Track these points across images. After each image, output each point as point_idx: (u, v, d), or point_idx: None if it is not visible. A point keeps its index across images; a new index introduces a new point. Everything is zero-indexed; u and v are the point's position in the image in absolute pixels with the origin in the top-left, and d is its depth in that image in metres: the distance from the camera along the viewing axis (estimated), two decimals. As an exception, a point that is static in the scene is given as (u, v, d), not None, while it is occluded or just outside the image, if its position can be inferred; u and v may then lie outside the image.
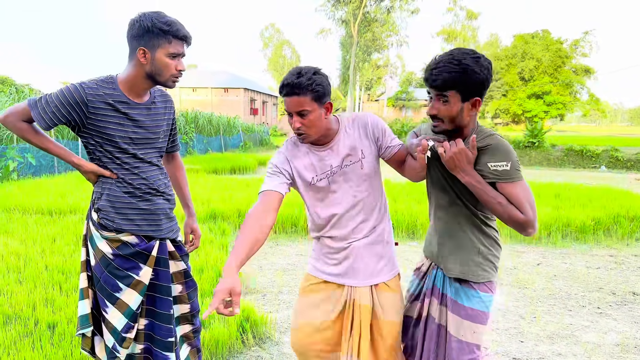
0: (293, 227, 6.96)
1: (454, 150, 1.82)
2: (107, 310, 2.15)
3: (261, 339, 3.55)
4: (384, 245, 2.15)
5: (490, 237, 2.01)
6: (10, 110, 2.06)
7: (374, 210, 2.11)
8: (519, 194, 1.80)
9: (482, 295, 2.00)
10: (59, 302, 3.79)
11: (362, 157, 2.05)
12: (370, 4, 42.84)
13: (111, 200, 2.13)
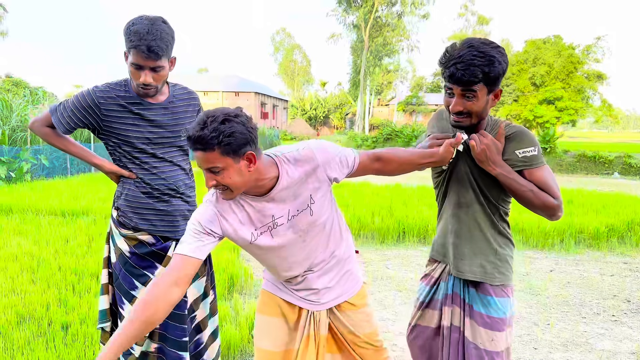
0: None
1: (485, 142, 1.79)
2: (124, 307, 2.19)
3: (272, 342, 3.54)
4: (340, 267, 1.92)
5: (506, 237, 1.97)
6: (36, 117, 2.22)
7: (328, 241, 1.85)
8: (548, 178, 1.80)
9: (499, 301, 1.93)
10: (72, 302, 3.81)
11: (310, 203, 1.75)
12: (382, 8, 42.88)
13: (129, 199, 2.18)
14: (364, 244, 6.62)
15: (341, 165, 1.79)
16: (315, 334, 1.91)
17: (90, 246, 5.53)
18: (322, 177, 1.75)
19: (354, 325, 1.94)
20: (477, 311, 1.94)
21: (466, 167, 1.93)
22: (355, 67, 47.67)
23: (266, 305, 1.97)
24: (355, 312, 1.96)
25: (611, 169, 19.29)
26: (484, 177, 1.88)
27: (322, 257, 1.85)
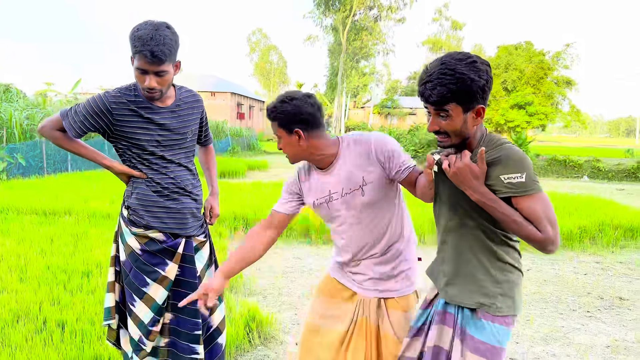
0: (289, 230, 7.05)
1: (458, 165, 1.62)
2: (135, 304, 2.25)
3: (266, 339, 3.64)
4: (396, 263, 2.05)
5: (509, 263, 1.76)
6: (47, 120, 2.25)
7: (386, 232, 2.01)
8: (537, 209, 1.59)
9: (495, 327, 1.74)
10: (65, 300, 3.84)
11: (362, 185, 1.94)
12: (360, 12, 43.24)
13: (140, 198, 2.25)
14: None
15: (391, 159, 1.92)
16: (366, 320, 2.06)
17: (76, 245, 5.52)
18: (374, 162, 1.93)
19: (393, 323, 2.04)
20: (469, 335, 1.77)
21: (452, 187, 1.76)
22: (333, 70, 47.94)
23: (326, 286, 2.20)
24: (399, 312, 2.04)
25: (581, 173, 19.92)
26: (469, 199, 1.69)
27: (379, 246, 2.02)
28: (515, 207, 1.62)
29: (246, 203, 8.26)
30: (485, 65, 1.62)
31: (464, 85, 1.57)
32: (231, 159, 20.08)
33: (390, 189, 2.00)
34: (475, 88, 1.58)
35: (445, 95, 1.59)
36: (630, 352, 3.59)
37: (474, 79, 1.57)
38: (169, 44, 2.07)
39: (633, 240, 7.29)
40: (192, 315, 2.32)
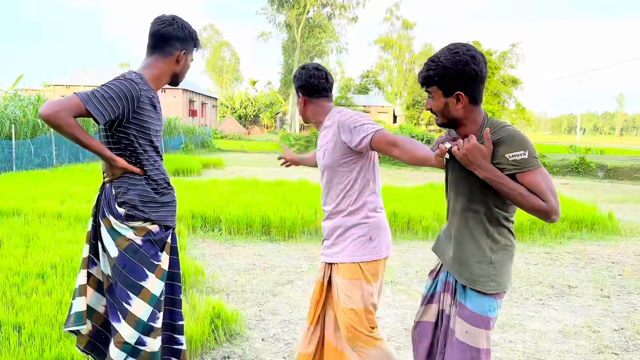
0: (248, 228, 7.02)
1: (467, 146, 1.82)
2: (130, 302, 2.18)
3: (232, 336, 3.63)
4: (341, 232, 2.41)
5: (504, 246, 1.97)
6: (59, 105, 1.98)
7: (338, 196, 2.40)
8: (540, 182, 1.79)
9: (480, 297, 1.96)
10: (20, 303, 3.69)
11: (325, 149, 2.41)
12: (314, 9, 43.30)
13: (141, 195, 2.24)
14: (309, 240, 6.79)
15: (351, 133, 2.26)
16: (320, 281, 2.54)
17: (28, 246, 5.29)
18: (336, 132, 2.34)
19: (336, 290, 2.42)
20: (459, 301, 2.01)
21: (458, 173, 1.99)
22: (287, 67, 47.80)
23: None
24: (341, 279, 2.39)
25: (526, 168, 20.78)
26: (477, 183, 1.91)
27: (328, 207, 2.45)
28: (520, 182, 1.82)
29: (204, 201, 8.15)
30: (469, 57, 1.82)
31: (442, 71, 1.85)
32: (185, 157, 19.70)
33: (348, 161, 2.34)
34: (451, 74, 1.84)
35: (426, 78, 1.90)
36: (580, 336, 3.81)
37: (448, 67, 1.83)
38: None
39: (578, 231, 7.70)
40: (180, 306, 2.41)
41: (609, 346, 3.65)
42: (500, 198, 1.92)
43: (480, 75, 1.84)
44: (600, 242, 7.27)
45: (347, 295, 2.36)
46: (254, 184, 11.22)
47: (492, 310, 1.97)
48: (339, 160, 2.35)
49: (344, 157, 2.34)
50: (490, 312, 1.97)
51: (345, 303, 2.36)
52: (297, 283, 4.93)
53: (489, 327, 1.96)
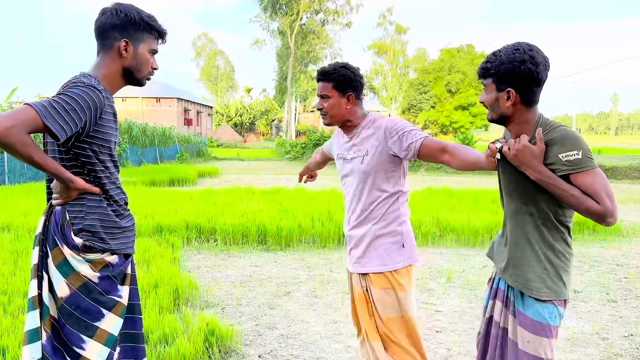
0: (244, 238, 6.87)
1: (517, 146, 1.81)
2: (84, 346, 1.91)
3: (227, 353, 3.48)
4: (372, 240, 2.35)
5: (561, 251, 1.92)
6: (12, 119, 1.62)
7: (373, 204, 2.34)
8: (595, 183, 1.74)
9: (541, 306, 1.90)
10: (5, 324, 3.52)
11: (364, 155, 2.32)
12: (307, 16, 43.34)
13: (102, 219, 1.95)
14: (306, 249, 6.65)
15: (399, 139, 2.23)
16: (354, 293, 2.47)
17: (17, 264, 5.13)
18: (381, 139, 2.28)
19: (375, 300, 2.35)
20: (518, 309, 1.95)
21: (510, 175, 1.95)
22: (282, 74, 47.77)
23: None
24: (375, 289, 2.34)
25: (524, 170, 20.69)
26: (531, 185, 1.86)
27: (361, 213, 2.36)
28: (574, 183, 1.78)
29: (198, 211, 8.01)
30: (528, 57, 1.81)
31: (498, 65, 1.85)
32: (180, 166, 19.57)
33: (389, 168, 2.30)
34: (505, 70, 1.83)
35: (482, 69, 1.92)
36: (589, 344, 3.67)
37: (504, 62, 1.83)
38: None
39: (580, 233, 7.58)
40: (141, 340, 2.12)
41: (619, 354, 3.51)
42: (554, 200, 1.87)
43: (536, 76, 1.82)
44: (603, 244, 7.14)
45: (382, 305, 2.33)
46: (250, 192, 11.08)
47: (553, 318, 1.90)
48: (380, 166, 2.30)
49: (386, 164, 2.30)
50: (552, 319, 1.90)
51: (382, 312, 2.34)
52: (295, 295, 4.78)
53: (551, 335, 1.90)
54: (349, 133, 2.43)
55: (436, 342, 3.71)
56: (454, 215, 7.94)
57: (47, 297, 1.91)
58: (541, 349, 1.89)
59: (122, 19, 1.93)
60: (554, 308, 1.91)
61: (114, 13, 1.93)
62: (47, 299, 1.91)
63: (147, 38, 1.99)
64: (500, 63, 1.85)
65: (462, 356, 3.48)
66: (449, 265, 5.82)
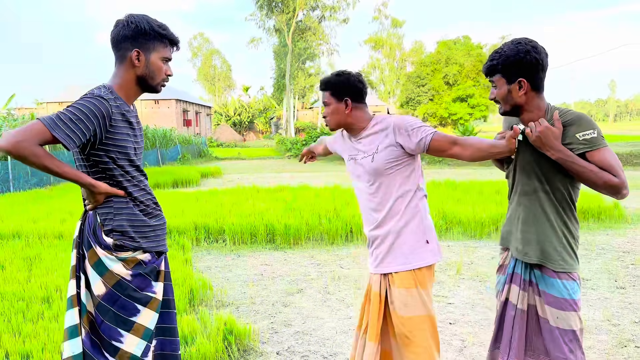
0: (253, 237, 6.93)
1: (540, 128, 1.95)
2: (122, 339, 2.03)
3: (245, 351, 3.54)
4: (395, 238, 2.35)
5: (573, 228, 2.10)
6: (21, 134, 1.78)
7: (390, 202, 2.35)
8: (609, 158, 1.92)
9: (562, 283, 2.06)
10: (26, 330, 3.59)
11: (374, 152, 2.34)
12: (303, 13, 43.29)
13: (130, 219, 2.06)
14: (315, 246, 6.71)
15: (409, 135, 2.26)
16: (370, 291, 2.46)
17: (31, 270, 5.19)
18: (391, 135, 2.31)
19: (393, 301, 2.36)
20: (543, 290, 2.11)
21: (529, 156, 2.09)
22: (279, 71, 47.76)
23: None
24: (397, 288, 2.35)
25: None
26: (548, 165, 2.03)
27: (381, 213, 2.37)
28: (590, 160, 1.94)
29: (205, 212, 8.06)
30: (531, 47, 1.97)
31: (505, 59, 1.99)
32: (183, 168, 19.61)
33: (401, 163, 2.32)
34: (513, 62, 1.97)
35: (489, 67, 2.04)
36: (601, 331, 3.73)
37: (511, 55, 1.97)
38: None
39: (585, 221, 7.63)
40: (175, 334, 2.23)
41: (631, 339, 3.57)
42: (569, 180, 2.04)
43: (541, 63, 1.98)
44: (609, 231, 7.20)
45: (404, 304, 2.32)
46: (255, 191, 11.13)
47: (574, 292, 2.08)
48: (391, 163, 2.32)
49: (397, 160, 2.32)
50: (574, 294, 2.08)
51: (403, 312, 2.32)
52: (307, 291, 4.84)
53: (577, 308, 2.08)
54: (356, 135, 2.46)
55: (450, 334, 3.77)
56: (460, 207, 8.00)
57: (85, 295, 2.05)
58: (572, 322, 2.07)
59: (133, 30, 2.01)
60: (574, 283, 2.08)
61: (125, 25, 2.03)
62: (85, 298, 2.05)
63: (158, 47, 2.07)
64: (507, 57, 1.98)
65: (477, 347, 3.54)
66: (457, 258, 5.88)
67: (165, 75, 2.13)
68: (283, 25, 42.39)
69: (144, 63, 2.05)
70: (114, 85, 2.06)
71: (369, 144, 2.38)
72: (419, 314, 2.31)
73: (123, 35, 2.03)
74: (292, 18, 42.01)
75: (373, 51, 69.33)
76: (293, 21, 42.06)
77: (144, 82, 2.08)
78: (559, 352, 2.09)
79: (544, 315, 2.12)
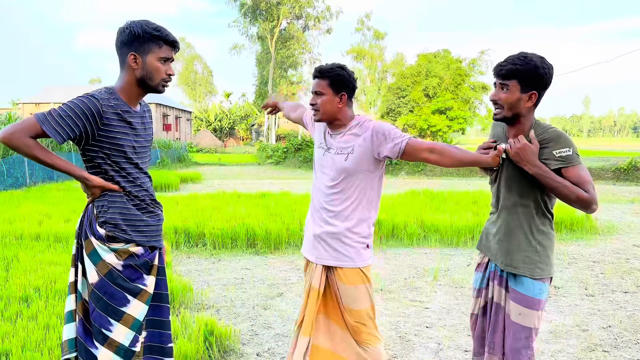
0: (233, 241, 6.96)
1: (518, 145, 2.07)
2: (111, 328, 2.11)
3: (225, 352, 3.58)
4: (344, 237, 2.46)
5: (548, 233, 2.22)
6: (15, 127, 1.98)
7: (348, 202, 2.44)
8: (582, 175, 2.05)
9: (531, 282, 2.18)
10: (5, 329, 3.57)
11: (350, 152, 2.42)
12: (287, 21, 43.52)
13: (122, 212, 2.15)
14: (295, 251, 6.76)
15: (385, 139, 2.36)
16: (311, 286, 2.52)
17: (8, 269, 5.14)
18: (368, 140, 2.39)
19: (342, 295, 2.48)
20: (512, 287, 2.23)
21: (511, 171, 2.21)
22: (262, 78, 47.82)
23: (304, 268, 2.68)
24: (344, 285, 2.47)
25: (502, 172, 21.09)
26: (526, 181, 2.15)
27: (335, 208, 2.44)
28: (564, 176, 2.06)
29: (185, 216, 8.06)
30: (551, 65, 2.07)
31: (528, 67, 2.03)
32: (162, 172, 19.43)
33: (371, 169, 2.41)
34: (536, 74, 2.04)
35: (511, 70, 2.05)
36: (570, 336, 3.87)
37: (538, 66, 2.03)
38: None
39: (558, 232, 7.84)
40: (167, 327, 2.29)
41: (599, 344, 3.72)
42: (546, 193, 2.16)
43: (550, 84, 2.10)
44: (580, 242, 7.43)
45: (354, 299, 2.47)
46: (236, 196, 11.14)
47: (541, 293, 2.19)
48: (362, 166, 2.41)
49: (368, 165, 2.41)
50: (541, 294, 2.19)
51: (354, 305, 2.46)
52: (287, 295, 4.90)
53: (540, 307, 2.20)
54: (336, 131, 2.53)
55: (426, 337, 3.87)
56: (437, 216, 8.15)
57: (81, 283, 2.17)
58: (532, 320, 2.19)
59: (128, 35, 2.13)
60: (543, 285, 2.21)
61: (122, 31, 2.15)
62: (81, 286, 2.17)
63: (153, 48, 2.15)
64: (532, 67, 2.04)
65: (453, 350, 3.64)
66: (434, 265, 6.01)
67: (166, 74, 2.20)
68: (266, 33, 42.55)
69: (141, 65, 2.14)
70: (117, 87, 2.18)
71: (345, 143, 2.45)
72: (365, 307, 2.49)
73: (121, 41, 2.15)
74: (276, 26, 42.22)
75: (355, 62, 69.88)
76: (277, 29, 42.26)
77: (144, 83, 2.18)
78: (513, 347, 2.22)
79: (509, 311, 2.24)
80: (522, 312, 2.19)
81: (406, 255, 6.60)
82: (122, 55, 2.16)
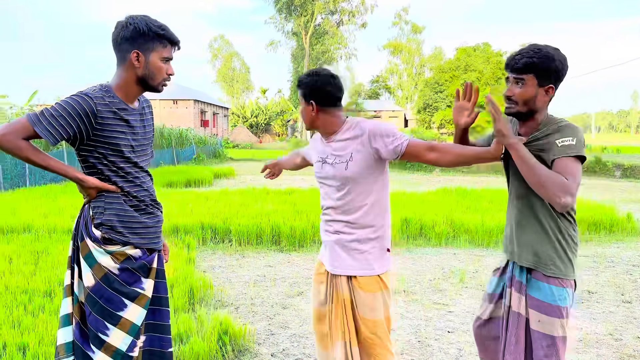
0: (258, 238, 6.95)
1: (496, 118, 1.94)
2: (108, 333, 2.05)
3: (240, 351, 3.54)
4: (360, 244, 2.33)
5: (569, 235, 2.06)
6: (6, 128, 1.91)
7: (360, 210, 2.31)
8: (570, 167, 1.87)
9: (550, 288, 2.04)
10: (26, 322, 3.64)
11: (349, 160, 2.28)
12: (322, 17, 43.46)
13: (119, 214, 2.07)
14: (320, 249, 6.69)
15: (384, 141, 2.22)
16: (337, 295, 2.38)
17: (37, 264, 5.27)
18: (366, 143, 2.25)
19: (358, 304, 2.34)
20: (530, 294, 2.10)
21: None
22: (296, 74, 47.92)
23: (316, 271, 2.55)
24: (361, 292, 2.33)
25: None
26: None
27: (348, 217, 2.32)
28: (556, 165, 1.91)
29: (214, 212, 8.11)
30: (565, 57, 1.97)
31: (546, 60, 1.92)
32: (197, 167, 19.77)
33: (374, 172, 2.29)
34: (553, 67, 1.92)
35: (527, 64, 1.93)
36: (602, 345, 3.66)
37: (555, 59, 1.92)
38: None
39: (597, 233, 7.51)
40: (167, 332, 2.22)
41: (632, 355, 3.50)
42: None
43: (564, 78, 2.00)
44: (620, 244, 7.07)
45: (370, 308, 2.33)
46: (265, 193, 11.17)
47: (562, 300, 2.03)
48: (365, 171, 2.28)
49: (370, 169, 2.29)
50: (561, 300, 2.03)
51: (370, 315, 2.34)
52: (307, 295, 4.83)
53: (562, 315, 2.04)
54: (328, 138, 2.38)
55: (447, 343, 3.73)
56: (468, 215, 7.92)
57: (77, 286, 2.11)
58: (552, 328, 2.04)
59: (132, 31, 2.02)
60: (563, 290, 2.04)
61: (124, 26, 2.04)
62: (77, 288, 2.11)
63: (157, 47, 2.07)
64: (552, 59, 1.92)
65: (474, 356, 3.49)
66: (462, 266, 5.83)
67: (167, 74, 2.13)
68: (301, 28, 42.57)
69: (143, 64, 2.06)
70: (113, 84, 2.09)
71: (341, 150, 2.31)
72: (380, 318, 2.35)
73: (122, 37, 2.04)
74: (310, 21, 42.18)
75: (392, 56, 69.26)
76: (311, 25, 42.22)
77: (144, 82, 2.10)
78: (536, 356, 2.09)
79: (529, 318, 2.12)
80: (541, 319, 2.06)
81: (433, 256, 6.44)
82: (121, 51, 2.06)
